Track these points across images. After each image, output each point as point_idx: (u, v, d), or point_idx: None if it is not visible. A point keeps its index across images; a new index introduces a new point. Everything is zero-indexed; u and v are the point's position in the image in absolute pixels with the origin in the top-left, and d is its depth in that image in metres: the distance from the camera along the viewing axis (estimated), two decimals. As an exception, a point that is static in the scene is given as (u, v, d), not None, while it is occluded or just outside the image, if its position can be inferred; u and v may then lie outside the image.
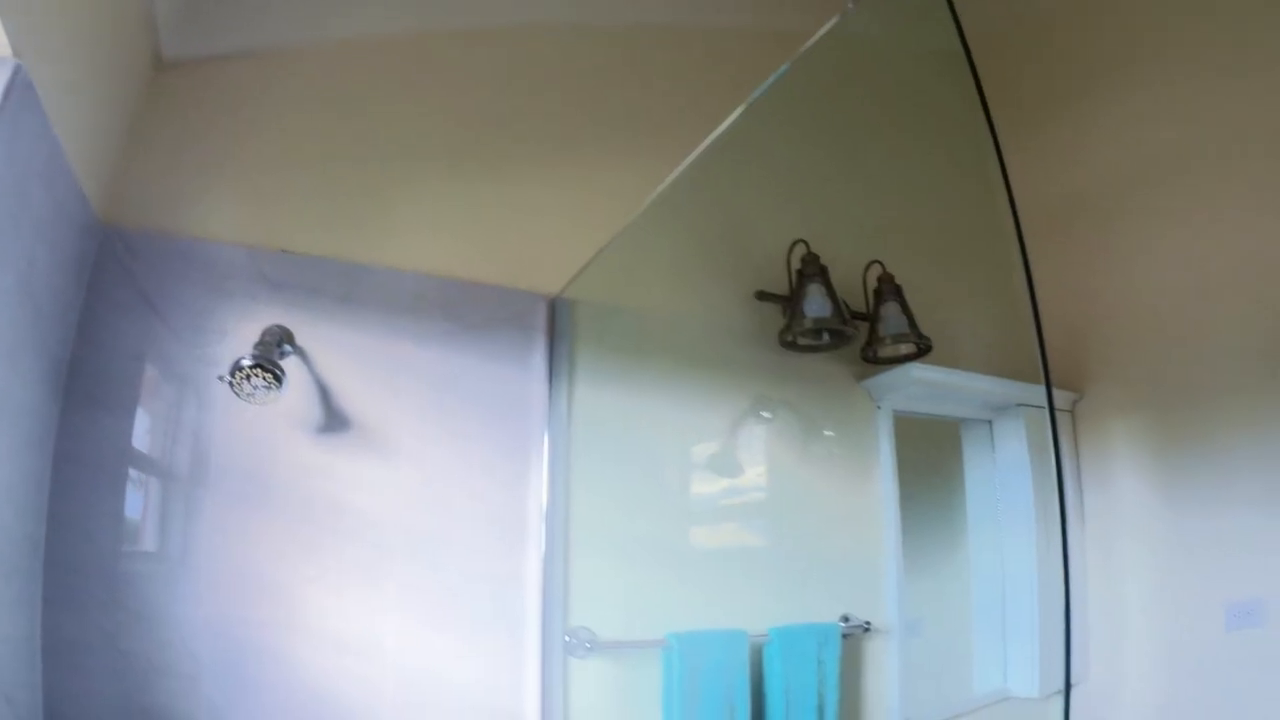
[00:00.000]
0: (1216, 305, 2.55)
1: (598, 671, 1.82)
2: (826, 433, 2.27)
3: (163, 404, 1.61)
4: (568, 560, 1.83)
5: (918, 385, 2.31)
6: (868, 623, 2.19)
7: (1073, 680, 2.87)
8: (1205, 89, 2.48)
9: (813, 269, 2.10)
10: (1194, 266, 2.62)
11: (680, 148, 1.62)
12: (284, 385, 1.48)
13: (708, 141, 1.58)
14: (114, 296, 1.58)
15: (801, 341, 2.18)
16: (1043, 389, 2.71)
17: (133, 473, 1.56)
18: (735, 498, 2.15)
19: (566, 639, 1.79)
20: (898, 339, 2.24)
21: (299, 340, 1.68)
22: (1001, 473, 2.75)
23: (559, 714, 1.78)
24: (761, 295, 2.16)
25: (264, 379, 1.46)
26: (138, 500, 1.57)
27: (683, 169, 1.64)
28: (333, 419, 1.69)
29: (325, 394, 1.68)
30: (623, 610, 1.88)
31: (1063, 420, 2.89)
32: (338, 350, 1.72)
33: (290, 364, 1.63)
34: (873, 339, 2.28)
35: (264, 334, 1.62)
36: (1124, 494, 2.81)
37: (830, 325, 2.08)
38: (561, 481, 1.86)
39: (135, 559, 1.54)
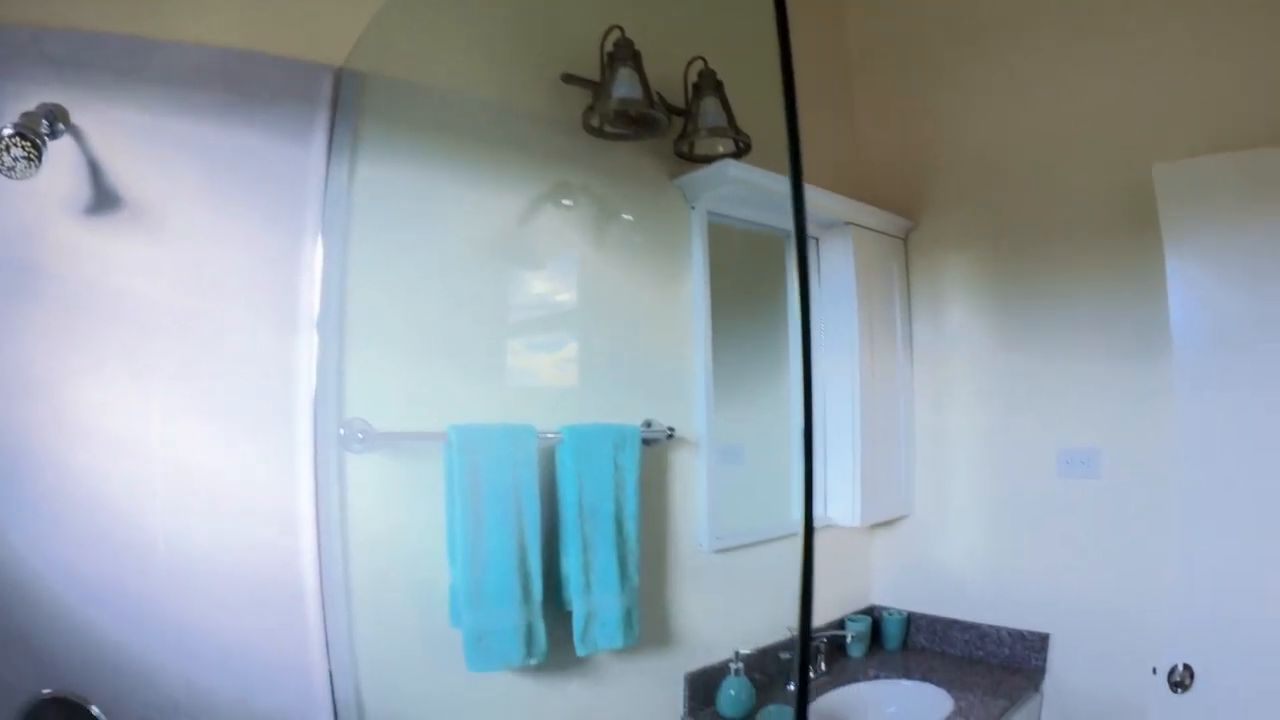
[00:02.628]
0: (1059, 150, 2.66)
1: (378, 467, 1.79)
2: (625, 216, 2.24)
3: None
4: (343, 349, 1.77)
5: (735, 186, 2.29)
6: (671, 429, 2.21)
7: (898, 513, 3.03)
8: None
9: (625, 53, 2.04)
10: (1037, 109, 2.70)
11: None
12: (44, 157, 1.39)
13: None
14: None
15: (609, 129, 2.14)
16: (873, 209, 2.83)
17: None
18: (531, 289, 2.11)
19: (341, 432, 1.74)
20: (714, 133, 2.22)
21: (75, 119, 1.59)
22: (826, 293, 2.79)
23: (334, 511, 1.74)
24: (568, 78, 2.10)
25: (23, 149, 1.37)
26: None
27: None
28: (106, 201, 1.57)
29: (98, 175, 1.57)
30: (404, 404, 1.83)
31: (894, 248, 2.95)
32: (114, 129, 1.59)
33: (64, 144, 1.54)
34: (687, 132, 2.26)
35: (33, 111, 1.53)
36: (955, 328, 2.91)
37: (638, 109, 2.03)
38: (338, 266, 1.79)
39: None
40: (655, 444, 2.23)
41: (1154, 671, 2.28)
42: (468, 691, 1.89)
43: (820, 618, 2.92)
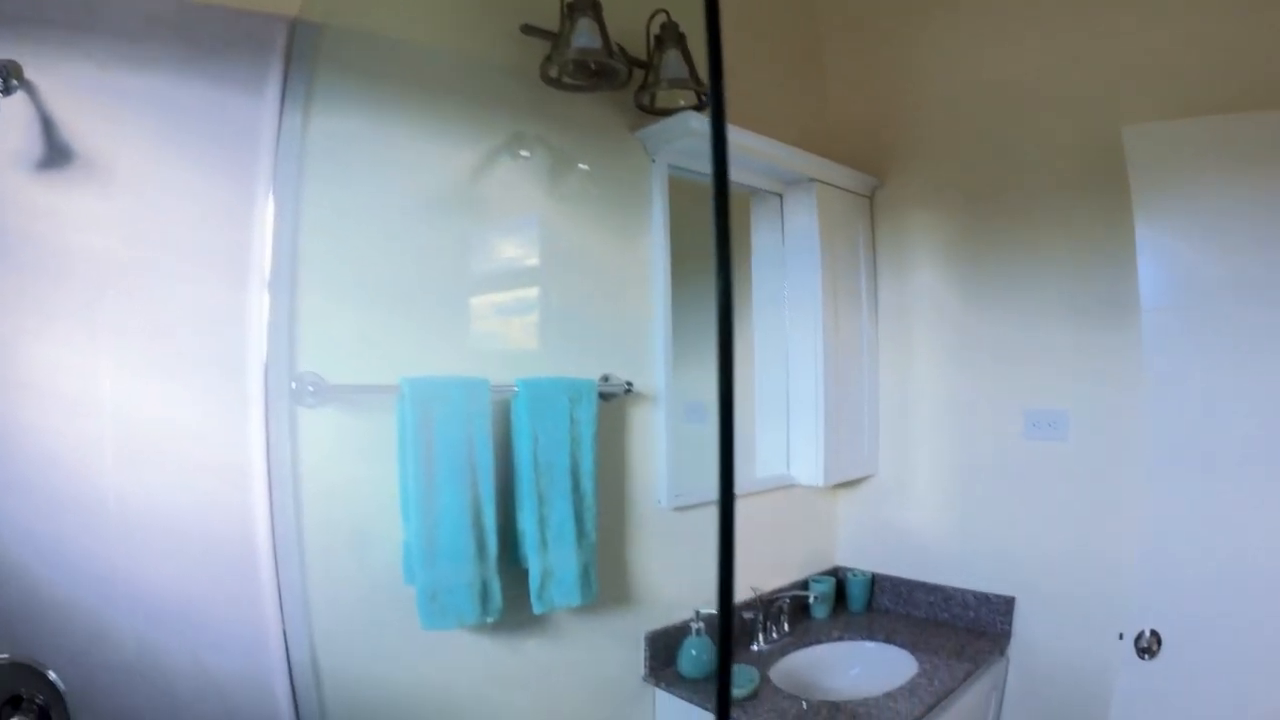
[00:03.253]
0: (1029, 109, 2.66)
1: (331, 422, 1.78)
2: (581, 166, 2.22)
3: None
4: (295, 302, 1.76)
5: (696, 138, 2.28)
6: (629, 383, 2.22)
7: (862, 473, 3.04)
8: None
9: (585, 3, 2.02)
10: (1006, 67, 2.70)
11: None
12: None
13: None
14: None
15: (567, 80, 2.12)
16: (839, 166, 2.84)
17: None
18: (487, 241, 2.09)
19: (293, 386, 1.73)
20: (676, 85, 2.20)
21: (28, 75, 1.57)
22: (790, 251, 2.80)
23: (287, 466, 1.73)
24: (527, 29, 2.08)
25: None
26: None
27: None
28: (58, 157, 1.53)
29: (51, 131, 1.56)
30: (358, 358, 1.82)
31: (860, 206, 2.95)
32: (66, 84, 1.55)
33: (17, 101, 1.51)
34: (648, 84, 2.24)
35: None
36: (921, 288, 2.92)
37: (598, 59, 2.01)
38: (291, 218, 1.77)
39: None
40: (613, 398, 2.23)
41: (1120, 637, 2.31)
42: (424, 650, 1.89)
43: (784, 578, 2.95)
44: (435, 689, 1.96)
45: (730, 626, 0.89)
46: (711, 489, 2.16)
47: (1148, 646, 2.23)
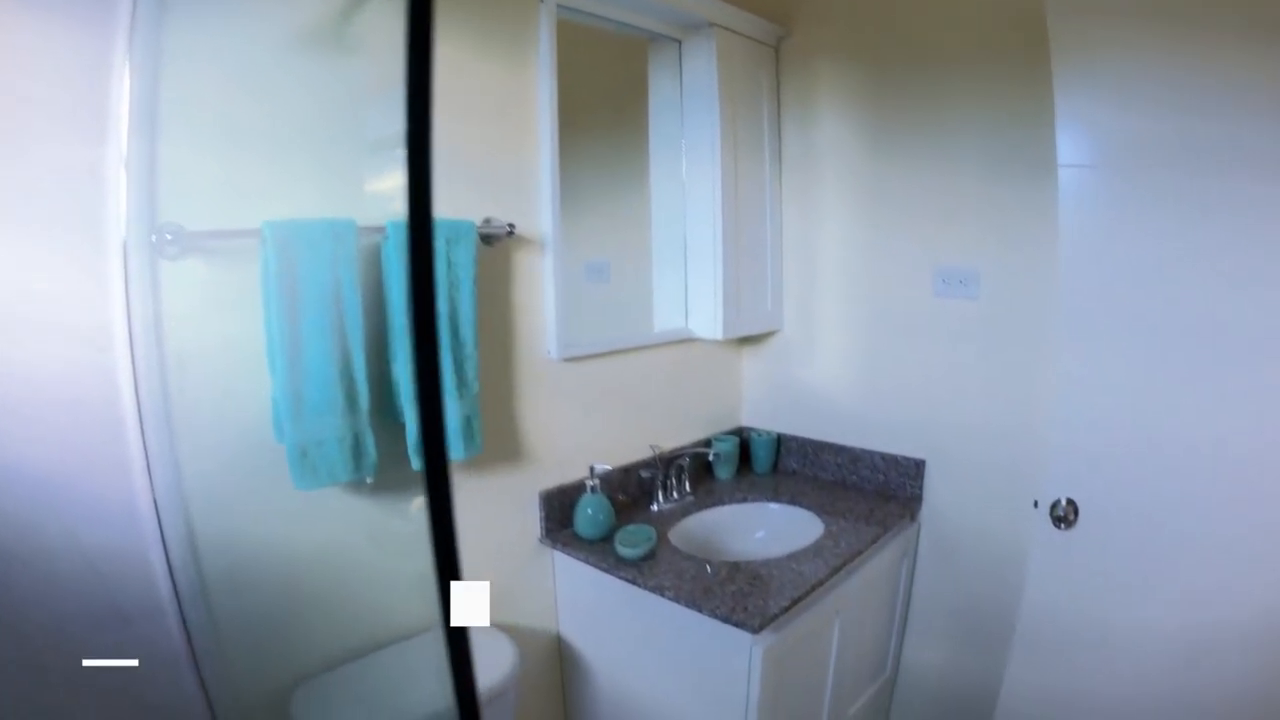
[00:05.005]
0: None
1: (194, 274, 1.73)
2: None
3: None
4: (155, 152, 1.69)
5: None
6: (511, 225, 2.17)
7: (765, 328, 2.97)
8: None
9: None
10: None
11: None
12: None
13: None
14: None
15: None
16: (742, 12, 2.79)
17: None
18: (357, 79, 2.00)
19: (153, 238, 1.67)
20: None
21: None
22: (688, 99, 2.75)
23: (150, 324, 1.69)
24: None
25: None
26: None
27: None
28: None
29: None
30: (221, 207, 1.76)
31: (765, 55, 2.88)
32: None
33: None
34: None
35: None
36: (828, 141, 2.89)
37: None
38: (150, 63, 1.69)
39: None
40: (495, 241, 2.19)
41: (1035, 505, 2.35)
42: (303, 512, 1.89)
43: (686, 437, 2.97)
44: (318, 553, 1.96)
45: (466, 650, 0.87)
46: (607, 340, 2.17)
47: (1064, 515, 2.27)
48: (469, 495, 2.25)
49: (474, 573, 2.20)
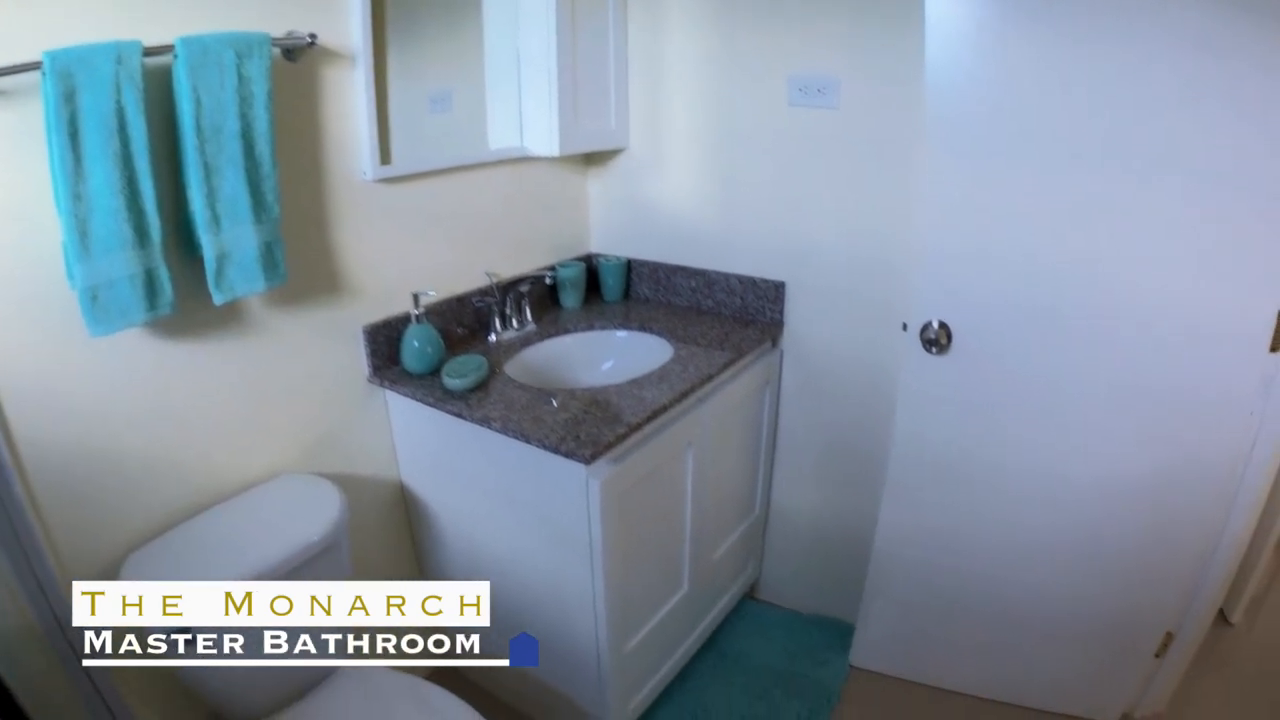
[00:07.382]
0: None
1: None
2: None
3: None
4: None
5: None
6: (312, 35, 2.06)
7: (609, 144, 2.94)
8: None
9: None
10: None
11: None
12: None
13: None
14: None
15: None
16: None
17: None
18: None
19: None
20: None
21: None
22: None
23: None
24: None
25: None
26: None
27: None
28: None
29: None
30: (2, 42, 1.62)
31: None
32: None
33: None
34: None
35: None
36: None
37: None
38: None
39: None
40: (297, 55, 2.10)
41: (904, 328, 2.39)
42: (106, 362, 1.85)
43: (528, 265, 2.94)
44: (130, 406, 1.94)
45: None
46: (427, 159, 2.10)
47: (935, 339, 2.32)
48: (283, 333, 2.21)
49: (300, 416, 2.20)
